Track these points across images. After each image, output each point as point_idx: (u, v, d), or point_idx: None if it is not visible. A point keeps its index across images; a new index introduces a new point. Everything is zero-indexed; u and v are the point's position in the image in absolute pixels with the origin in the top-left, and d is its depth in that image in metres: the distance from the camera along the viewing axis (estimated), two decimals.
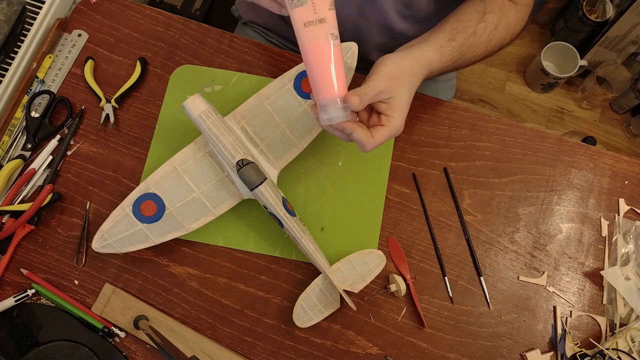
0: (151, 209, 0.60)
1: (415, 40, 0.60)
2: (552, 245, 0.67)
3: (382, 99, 0.52)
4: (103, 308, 0.63)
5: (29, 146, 0.68)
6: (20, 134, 0.69)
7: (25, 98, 0.71)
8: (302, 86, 0.64)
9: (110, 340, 0.63)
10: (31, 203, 0.63)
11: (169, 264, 0.65)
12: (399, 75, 0.53)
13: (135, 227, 0.60)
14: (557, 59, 1.51)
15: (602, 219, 0.68)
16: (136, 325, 0.62)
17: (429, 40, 0.58)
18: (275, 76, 0.66)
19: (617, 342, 0.63)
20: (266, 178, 0.59)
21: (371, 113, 0.54)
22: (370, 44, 0.77)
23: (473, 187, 0.69)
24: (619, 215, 0.68)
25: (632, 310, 0.64)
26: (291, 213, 0.60)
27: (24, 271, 0.65)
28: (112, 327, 0.63)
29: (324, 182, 0.68)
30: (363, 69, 0.63)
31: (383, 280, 0.65)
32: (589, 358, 0.62)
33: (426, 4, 0.70)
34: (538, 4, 1.55)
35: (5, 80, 0.69)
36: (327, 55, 0.47)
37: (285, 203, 0.60)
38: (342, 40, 0.64)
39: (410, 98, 0.54)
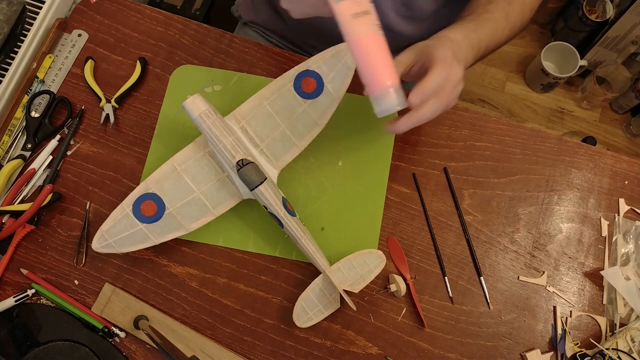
0: (151, 209, 0.60)
1: None
2: (552, 245, 0.67)
3: (420, 59, 0.53)
4: (103, 308, 0.63)
5: (29, 146, 0.68)
6: (20, 134, 0.69)
7: (25, 98, 0.71)
8: (302, 86, 0.64)
9: (110, 340, 0.63)
10: (31, 203, 0.63)
11: (169, 264, 0.65)
12: (430, 40, 0.54)
13: (135, 227, 0.60)
14: (557, 59, 1.51)
15: (602, 219, 0.68)
16: (136, 325, 0.62)
17: (449, 27, 0.59)
18: (275, 76, 0.66)
19: (617, 342, 0.63)
20: (266, 178, 0.59)
21: None
22: None
23: (473, 187, 0.69)
24: (619, 215, 0.68)
25: (632, 310, 0.64)
26: (291, 213, 0.60)
27: (24, 271, 0.65)
28: (112, 327, 0.63)
29: (324, 182, 0.68)
30: None
31: (383, 280, 0.65)
32: (589, 358, 0.62)
33: (426, 4, 0.70)
34: None
35: (5, 80, 0.69)
36: (379, 45, 0.48)
37: (285, 203, 0.60)
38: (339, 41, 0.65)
39: (452, 53, 0.53)
